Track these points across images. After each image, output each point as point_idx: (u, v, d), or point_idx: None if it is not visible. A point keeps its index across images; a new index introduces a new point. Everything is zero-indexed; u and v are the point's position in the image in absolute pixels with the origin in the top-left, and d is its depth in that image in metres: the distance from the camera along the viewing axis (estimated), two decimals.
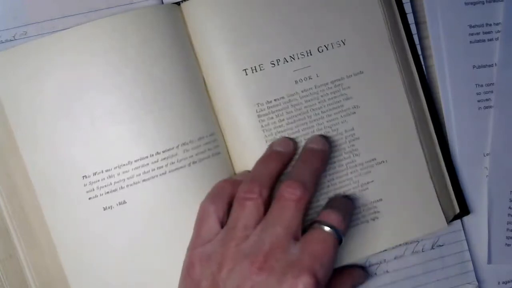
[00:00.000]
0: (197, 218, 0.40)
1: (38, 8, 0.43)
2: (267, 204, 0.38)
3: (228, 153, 0.43)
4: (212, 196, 0.40)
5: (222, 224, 0.39)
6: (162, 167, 0.40)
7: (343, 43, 0.44)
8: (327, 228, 0.36)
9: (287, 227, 0.36)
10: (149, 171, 0.40)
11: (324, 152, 0.41)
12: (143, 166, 0.40)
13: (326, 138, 0.42)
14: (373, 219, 0.44)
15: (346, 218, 0.38)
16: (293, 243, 0.36)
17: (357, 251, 0.44)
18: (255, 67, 0.42)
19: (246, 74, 0.42)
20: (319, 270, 0.35)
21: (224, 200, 0.39)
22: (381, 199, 0.44)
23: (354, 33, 0.44)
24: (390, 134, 0.44)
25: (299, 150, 0.42)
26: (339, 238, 0.37)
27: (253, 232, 0.37)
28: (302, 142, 0.43)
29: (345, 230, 0.38)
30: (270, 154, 0.41)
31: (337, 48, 0.44)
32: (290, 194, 0.37)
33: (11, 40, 0.43)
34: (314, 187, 0.39)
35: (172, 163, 0.41)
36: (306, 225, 0.38)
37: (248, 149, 0.42)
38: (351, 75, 0.44)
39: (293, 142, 0.42)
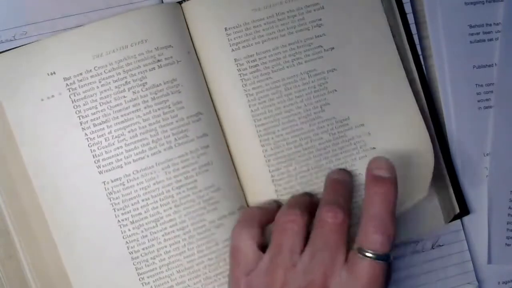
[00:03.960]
0: (231, 246, 0.38)
1: (38, 8, 0.43)
2: (308, 230, 0.37)
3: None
4: (243, 221, 0.39)
5: (261, 248, 0.37)
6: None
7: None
8: (371, 255, 0.34)
9: (335, 252, 0.35)
10: (148, 163, 0.40)
11: (349, 182, 0.41)
12: (144, 162, 0.40)
13: (346, 171, 0.42)
14: None
15: (390, 229, 0.34)
16: (343, 269, 0.35)
17: None
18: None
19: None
20: None
21: (256, 224, 0.38)
22: None
23: (355, 34, 0.44)
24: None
25: None
26: (387, 259, 0.34)
27: (299, 259, 0.35)
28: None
29: (390, 247, 0.34)
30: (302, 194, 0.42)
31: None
32: (332, 218, 0.35)
33: (11, 40, 0.43)
34: (350, 209, 0.37)
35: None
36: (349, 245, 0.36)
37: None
38: None
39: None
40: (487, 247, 0.47)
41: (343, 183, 0.40)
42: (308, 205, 0.38)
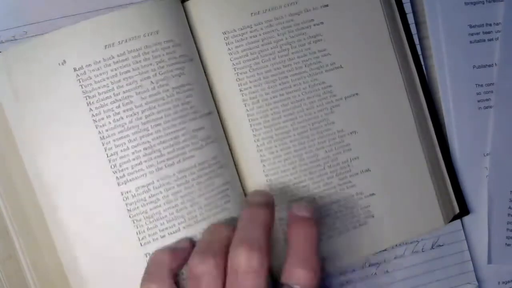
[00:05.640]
0: None
1: (38, 8, 0.43)
2: (225, 272, 0.34)
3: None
4: (152, 275, 0.36)
5: None
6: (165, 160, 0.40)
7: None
8: None
9: None
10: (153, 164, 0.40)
11: (269, 203, 0.37)
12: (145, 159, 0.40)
13: (266, 191, 0.40)
14: (372, 216, 0.44)
15: (315, 265, 0.34)
16: None
17: (356, 250, 0.44)
18: None
19: None
20: None
21: (166, 275, 0.35)
22: (381, 198, 0.44)
23: (354, 34, 0.44)
24: (390, 134, 0.44)
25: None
26: None
27: None
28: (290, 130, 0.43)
29: (317, 283, 0.33)
30: (217, 226, 0.37)
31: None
32: (246, 264, 0.32)
33: (11, 40, 0.43)
34: (268, 245, 0.34)
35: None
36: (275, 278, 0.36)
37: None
38: None
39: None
40: (487, 247, 0.47)
41: (264, 207, 0.37)
42: (224, 242, 0.35)
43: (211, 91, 0.43)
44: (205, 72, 0.43)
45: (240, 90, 0.42)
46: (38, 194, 0.40)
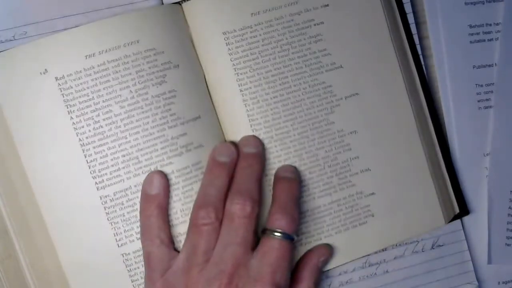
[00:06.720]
0: (144, 254, 0.40)
1: (38, 8, 0.43)
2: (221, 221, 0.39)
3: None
4: (145, 235, 0.40)
5: (171, 247, 0.40)
6: (164, 159, 0.41)
7: None
8: (278, 235, 0.38)
9: (244, 242, 0.38)
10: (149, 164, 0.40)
11: (261, 153, 0.42)
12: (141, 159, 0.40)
13: (257, 138, 0.42)
14: (372, 215, 0.44)
15: (294, 214, 0.39)
16: (251, 255, 0.38)
17: (356, 250, 0.44)
18: None
19: None
20: (280, 278, 0.37)
21: (156, 232, 0.39)
22: (381, 197, 0.44)
23: (355, 33, 0.44)
24: (390, 134, 0.44)
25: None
26: (292, 238, 0.39)
27: (212, 253, 0.38)
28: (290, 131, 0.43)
29: (295, 229, 0.39)
30: (215, 166, 0.40)
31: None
32: (241, 211, 0.38)
33: (11, 40, 0.43)
34: (260, 194, 0.40)
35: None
36: (259, 231, 0.40)
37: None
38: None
39: (235, 146, 0.41)
40: (487, 247, 0.47)
41: (255, 157, 0.41)
42: (223, 193, 0.39)
43: (209, 92, 0.43)
44: (204, 73, 0.43)
45: (241, 91, 0.42)
46: (36, 194, 0.40)
